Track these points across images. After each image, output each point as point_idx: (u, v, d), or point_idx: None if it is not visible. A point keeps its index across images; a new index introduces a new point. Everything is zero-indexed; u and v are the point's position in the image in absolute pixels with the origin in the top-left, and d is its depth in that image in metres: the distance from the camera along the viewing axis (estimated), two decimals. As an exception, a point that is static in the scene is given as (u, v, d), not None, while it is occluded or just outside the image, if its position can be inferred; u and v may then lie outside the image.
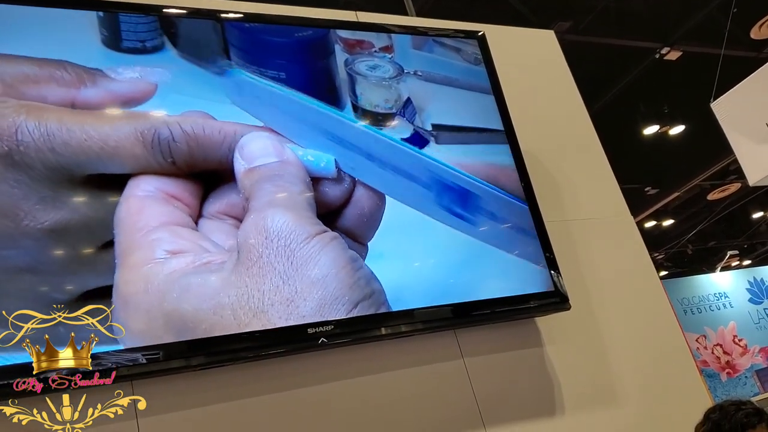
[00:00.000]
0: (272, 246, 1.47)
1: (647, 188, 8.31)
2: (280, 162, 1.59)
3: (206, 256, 1.48)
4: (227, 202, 1.60)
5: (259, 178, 1.56)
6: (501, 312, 1.88)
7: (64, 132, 1.42)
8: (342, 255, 1.54)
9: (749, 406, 1.71)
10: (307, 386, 1.66)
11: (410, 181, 1.77)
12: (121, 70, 1.60)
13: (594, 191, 2.46)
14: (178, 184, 1.55)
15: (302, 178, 1.61)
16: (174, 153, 1.52)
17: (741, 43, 5.77)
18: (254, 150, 1.59)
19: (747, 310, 8.57)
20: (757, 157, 3.61)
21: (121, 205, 1.48)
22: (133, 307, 1.41)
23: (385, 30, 2.10)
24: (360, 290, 1.54)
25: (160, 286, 1.42)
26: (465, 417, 1.81)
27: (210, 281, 1.44)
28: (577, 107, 2.65)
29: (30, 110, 1.43)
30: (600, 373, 2.09)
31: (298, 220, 1.52)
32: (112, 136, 1.47)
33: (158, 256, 1.44)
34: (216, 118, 1.63)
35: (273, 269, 1.46)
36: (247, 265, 1.46)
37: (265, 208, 1.51)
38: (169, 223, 1.49)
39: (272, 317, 1.47)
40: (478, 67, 2.19)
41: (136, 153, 1.49)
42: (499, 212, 1.91)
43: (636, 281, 2.35)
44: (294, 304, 1.48)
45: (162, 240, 1.46)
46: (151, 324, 1.41)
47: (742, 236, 10.86)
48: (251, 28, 1.88)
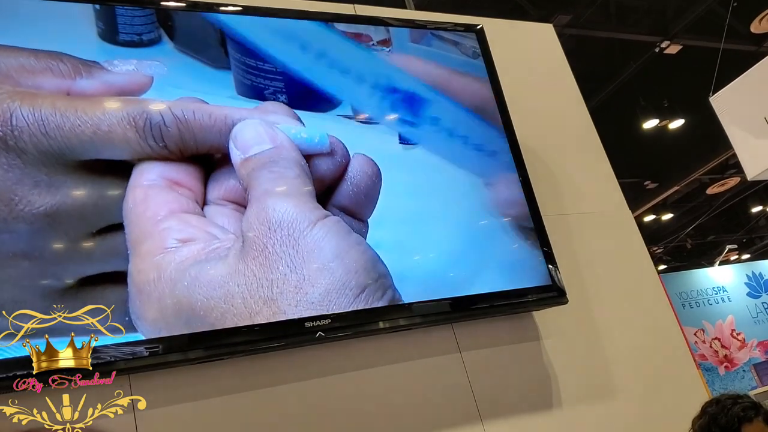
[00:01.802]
0: (276, 236, 1.49)
1: (646, 182, 8.31)
2: (275, 148, 1.59)
3: (215, 243, 1.50)
4: (225, 188, 1.61)
5: (255, 167, 1.56)
6: (498, 306, 1.88)
7: (57, 117, 1.43)
8: (346, 239, 1.55)
9: (746, 399, 1.72)
10: (304, 380, 1.66)
11: (350, 79, 1.76)
12: (117, 63, 1.60)
13: (592, 185, 2.46)
14: (181, 170, 1.56)
15: (297, 160, 1.60)
16: (165, 137, 1.52)
17: (741, 37, 5.76)
18: (248, 138, 1.58)
19: (745, 304, 8.59)
20: (755, 151, 3.61)
21: (128, 195, 1.50)
22: (146, 296, 1.43)
23: (383, 23, 2.09)
24: (367, 274, 1.55)
25: (171, 275, 1.44)
26: (462, 411, 1.81)
27: (218, 269, 1.46)
28: (576, 101, 2.64)
29: (24, 97, 1.44)
30: (597, 366, 2.09)
31: (299, 206, 1.53)
32: (104, 120, 1.47)
33: (169, 245, 1.46)
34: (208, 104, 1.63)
35: (279, 259, 1.48)
36: (253, 255, 1.48)
37: (264, 198, 1.52)
38: (177, 211, 1.51)
39: (282, 305, 1.49)
40: (477, 61, 2.18)
41: (128, 137, 1.49)
42: (445, 119, 1.87)
43: (634, 275, 2.35)
44: (302, 291, 1.50)
45: (172, 229, 1.47)
46: (163, 312, 1.43)
47: (741, 230, 10.87)
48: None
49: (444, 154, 1.94)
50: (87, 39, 1.64)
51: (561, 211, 2.29)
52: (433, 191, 1.91)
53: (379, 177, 1.71)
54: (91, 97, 1.52)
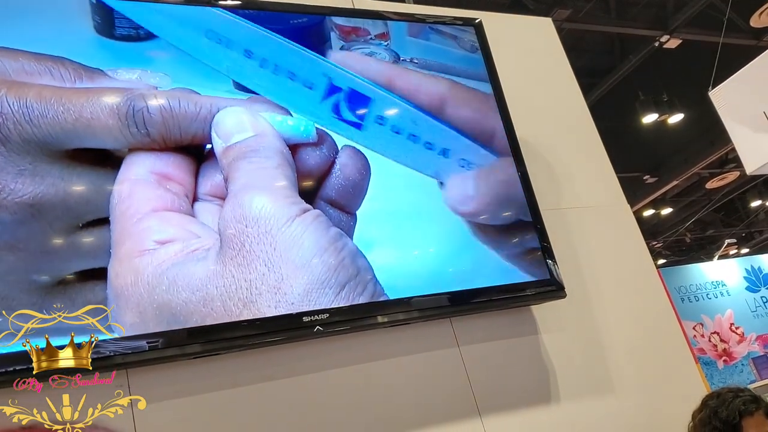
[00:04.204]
0: (253, 234, 1.45)
1: (646, 176, 8.32)
2: (256, 136, 1.56)
3: (195, 243, 1.46)
4: (212, 183, 1.58)
5: (236, 156, 1.53)
6: (497, 300, 1.87)
7: (42, 105, 1.41)
8: (324, 235, 1.51)
9: (747, 393, 1.72)
10: (302, 374, 1.66)
11: (297, 83, 1.71)
12: (121, 71, 1.58)
13: (591, 180, 2.45)
14: (171, 163, 1.53)
15: (278, 149, 1.57)
16: (148, 124, 1.49)
17: (741, 31, 5.75)
18: (229, 126, 1.56)
19: (744, 298, 8.59)
20: (754, 145, 3.60)
21: (114, 190, 1.47)
22: (124, 300, 1.40)
23: (381, 17, 2.08)
24: (345, 270, 1.52)
25: (149, 279, 1.40)
26: (460, 405, 1.81)
27: (197, 271, 1.42)
28: (575, 95, 2.63)
29: (12, 86, 1.42)
30: (596, 361, 2.09)
31: (276, 201, 1.49)
32: (87, 108, 1.45)
33: (147, 247, 1.43)
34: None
35: (257, 257, 1.45)
36: (231, 254, 1.44)
37: (242, 193, 1.49)
38: (160, 209, 1.47)
39: (261, 306, 1.46)
40: (475, 55, 2.17)
41: (110, 124, 1.46)
42: (394, 119, 1.79)
43: (632, 270, 2.34)
44: (281, 291, 1.46)
45: (151, 229, 1.44)
46: (143, 317, 1.40)
47: (740, 225, 10.88)
48: (246, 14, 1.86)
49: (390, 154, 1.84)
50: (83, 33, 1.63)
51: (559, 206, 2.28)
52: (425, 187, 1.88)
53: (368, 169, 1.69)
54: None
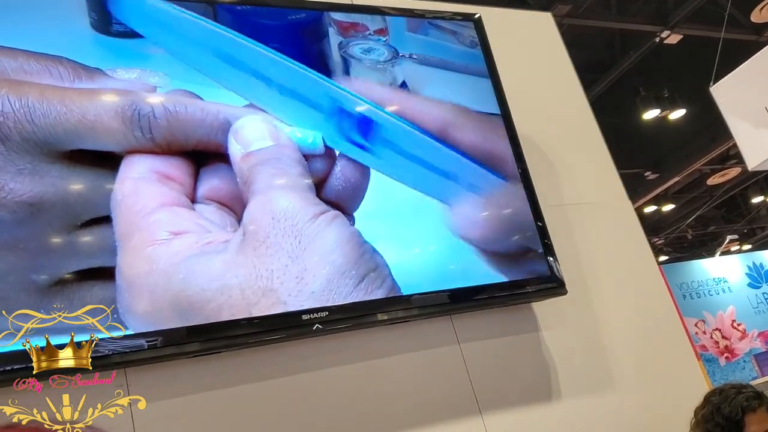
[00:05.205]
0: (279, 226, 1.51)
1: (647, 173, 8.30)
2: (277, 146, 1.61)
3: (208, 236, 1.50)
4: (209, 186, 1.59)
5: (257, 162, 1.57)
6: (497, 297, 1.86)
7: (44, 105, 1.42)
8: (346, 231, 1.58)
9: (750, 389, 1.71)
10: (302, 372, 1.65)
11: (303, 104, 1.72)
12: (120, 71, 1.59)
13: (592, 176, 2.44)
14: (171, 164, 1.54)
15: (299, 160, 1.63)
16: (153, 128, 1.51)
17: (741, 27, 5.74)
18: (250, 134, 1.60)
19: (746, 295, 8.58)
20: (756, 141, 3.58)
21: (116, 188, 1.48)
22: (137, 290, 1.42)
23: (379, 12, 2.06)
24: (365, 263, 1.58)
25: (165, 268, 1.42)
26: (461, 402, 1.80)
27: (215, 262, 1.46)
28: (576, 91, 2.62)
29: (12, 85, 1.42)
30: (597, 358, 2.08)
31: (302, 200, 1.56)
32: (91, 109, 1.45)
33: (160, 237, 1.44)
34: (203, 99, 1.61)
35: (281, 248, 1.49)
36: (254, 245, 1.48)
37: (268, 191, 1.54)
38: (168, 204, 1.49)
39: (282, 294, 1.49)
40: (475, 50, 2.16)
41: (114, 127, 1.47)
42: (400, 143, 1.79)
43: (634, 266, 2.33)
44: (303, 281, 1.51)
45: (162, 221, 1.46)
46: (156, 305, 1.42)
47: (741, 221, 10.87)
48: (244, 10, 1.85)
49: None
50: (80, 30, 1.62)
51: (560, 202, 2.27)
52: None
53: (368, 172, 1.72)
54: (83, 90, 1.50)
